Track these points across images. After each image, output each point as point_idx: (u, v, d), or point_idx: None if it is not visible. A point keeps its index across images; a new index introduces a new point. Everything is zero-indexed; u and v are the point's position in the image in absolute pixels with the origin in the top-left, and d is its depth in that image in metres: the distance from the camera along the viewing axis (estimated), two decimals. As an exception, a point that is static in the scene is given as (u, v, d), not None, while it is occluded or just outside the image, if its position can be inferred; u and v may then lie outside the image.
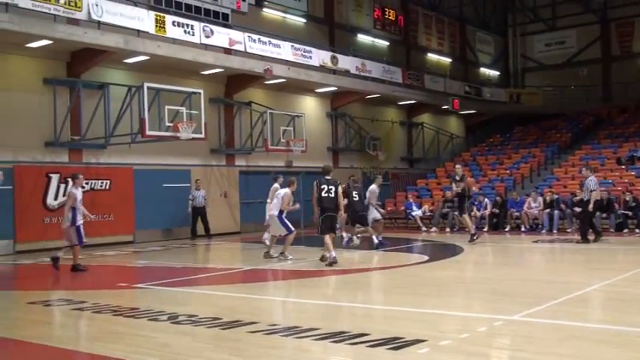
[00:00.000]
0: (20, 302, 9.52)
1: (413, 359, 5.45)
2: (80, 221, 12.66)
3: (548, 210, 19.81)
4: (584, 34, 37.34)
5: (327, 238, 12.24)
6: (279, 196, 13.38)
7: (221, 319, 7.41)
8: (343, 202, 13.35)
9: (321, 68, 24.62)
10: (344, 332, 6.47)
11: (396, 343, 5.96)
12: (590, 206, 15.82)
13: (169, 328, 7.14)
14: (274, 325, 6.92)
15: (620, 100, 33.90)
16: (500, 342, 6.27)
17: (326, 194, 12.30)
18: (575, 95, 36.07)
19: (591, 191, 15.91)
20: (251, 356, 5.77)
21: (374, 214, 16.17)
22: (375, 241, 15.58)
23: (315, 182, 12.56)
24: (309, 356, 5.79)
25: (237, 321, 7.23)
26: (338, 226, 14.04)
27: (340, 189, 12.76)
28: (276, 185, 14.62)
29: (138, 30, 18.17)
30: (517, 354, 5.63)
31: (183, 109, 17.69)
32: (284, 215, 13.39)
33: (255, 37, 21.78)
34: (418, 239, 18.72)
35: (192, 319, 7.48)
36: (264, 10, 25.29)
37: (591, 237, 16.10)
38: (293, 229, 13.45)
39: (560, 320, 6.97)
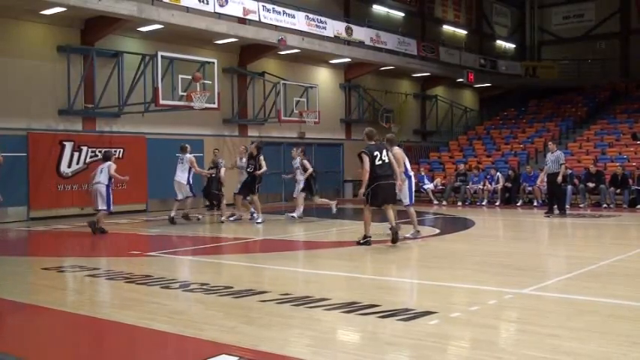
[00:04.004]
0: (35, 268, 9.63)
1: (423, 330, 5.47)
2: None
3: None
4: (603, 7, 36.70)
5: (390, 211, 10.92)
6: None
7: (232, 287, 7.47)
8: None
9: (336, 39, 24.42)
10: (355, 303, 6.50)
11: (407, 315, 5.99)
12: (560, 178, 16.13)
13: (181, 296, 7.21)
14: (286, 294, 6.96)
15: (638, 75, 33.44)
16: (510, 315, 6.28)
17: (380, 162, 10.65)
18: (592, 69, 35.62)
19: (562, 164, 16.23)
20: (262, 325, 5.82)
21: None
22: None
23: (362, 152, 10.72)
24: (320, 326, 5.83)
25: (248, 290, 7.28)
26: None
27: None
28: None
29: (152, -2, 18.11)
30: (527, 327, 5.63)
31: (197, 79, 17.67)
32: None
33: (270, 6, 21.61)
34: (430, 212, 18.71)
35: (204, 287, 7.55)
36: (279, -21, 25.08)
37: (546, 210, 16.75)
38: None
39: (571, 295, 6.97)
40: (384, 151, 10.74)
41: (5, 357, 4.99)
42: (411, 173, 12.41)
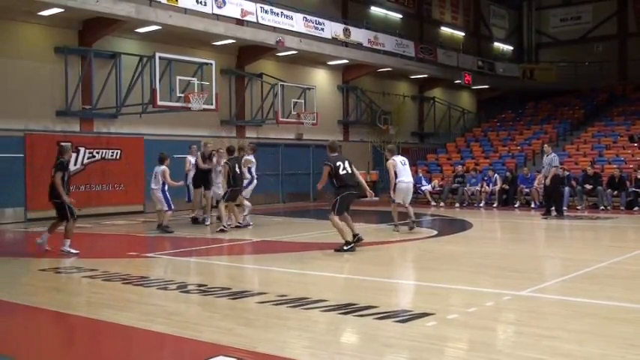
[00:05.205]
0: (32, 269, 9.62)
1: (420, 332, 5.47)
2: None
3: (558, 187, 19.73)
4: (600, 10, 36.77)
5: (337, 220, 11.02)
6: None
7: (230, 289, 7.47)
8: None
9: (334, 41, 24.43)
10: (352, 304, 6.50)
11: (404, 316, 5.99)
12: (548, 180, 16.29)
13: (179, 297, 7.20)
14: (283, 295, 6.96)
15: (636, 77, 33.47)
16: (508, 317, 6.28)
17: (344, 171, 10.90)
18: (589, 72, 35.67)
19: (554, 166, 16.33)
20: (259, 326, 5.82)
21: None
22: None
23: (325, 164, 11.07)
24: (317, 327, 5.83)
25: (246, 291, 7.28)
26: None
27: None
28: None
29: (150, -1, 18.11)
30: (524, 329, 5.63)
31: (195, 80, 17.66)
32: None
33: (268, 8, 21.61)
34: (427, 214, 18.72)
35: (202, 288, 7.54)
36: (277, -20, 25.10)
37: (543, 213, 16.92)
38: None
39: (568, 297, 6.97)
40: (346, 162, 11.05)
41: (3, 359, 4.98)
42: (401, 179, 13.43)
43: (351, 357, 4.95)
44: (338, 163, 10.95)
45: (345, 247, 10.65)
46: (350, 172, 11.01)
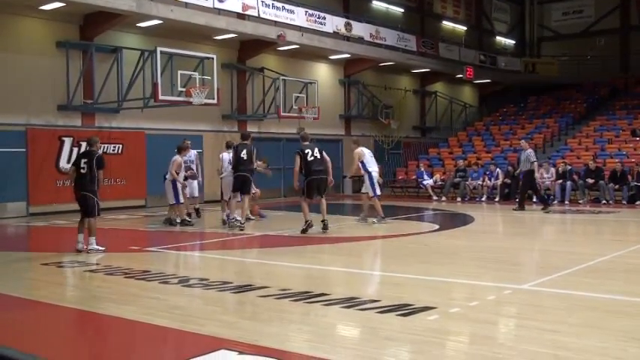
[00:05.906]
0: (34, 263, 9.63)
1: (422, 326, 5.48)
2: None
3: (560, 181, 19.73)
4: (602, 3, 36.66)
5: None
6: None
7: (232, 283, 7.48)
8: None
9: (335, 35, 24.40)
10: (354, 298, 6.51)
11: (406, 310, 5.99)
12: (536, 174, 16.76)
13: (180, 291, 7.21)
14: (285, 289, 6.97)
15: (638, 71, 33.40)
16: (509, 310, 6.28)
17: (312, 158, 12.28)
18: (591, 65, 35.59)
19: (532, 162, 16.71)
20: (261, 320, 5.83)
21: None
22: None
23: (296, 152, 12.44)
24: (319, 321, 5.83)
25: (248, 285, 7.29)
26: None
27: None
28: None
29: (151, -7, 18.07)
30: (526, 322, 5.64)
31: (196, 74, 17.65)
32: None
33: (269, 2, 21.56)
34: (429, 208, 18.72)
35: (203, 282, 7.55)
36: (278, -26, 25.01)
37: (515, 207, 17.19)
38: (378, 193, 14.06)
39: (570, 290, 6.97)
40: (316, 150, 12.37)
41: (10, 350, 4.98)
42: (372, 169, 13.94)
43: (353, 350, 4.95)
44: (307, 151, 12.29)
45: (304, 227, 12.11)
46: (319, 157, 12.29)
